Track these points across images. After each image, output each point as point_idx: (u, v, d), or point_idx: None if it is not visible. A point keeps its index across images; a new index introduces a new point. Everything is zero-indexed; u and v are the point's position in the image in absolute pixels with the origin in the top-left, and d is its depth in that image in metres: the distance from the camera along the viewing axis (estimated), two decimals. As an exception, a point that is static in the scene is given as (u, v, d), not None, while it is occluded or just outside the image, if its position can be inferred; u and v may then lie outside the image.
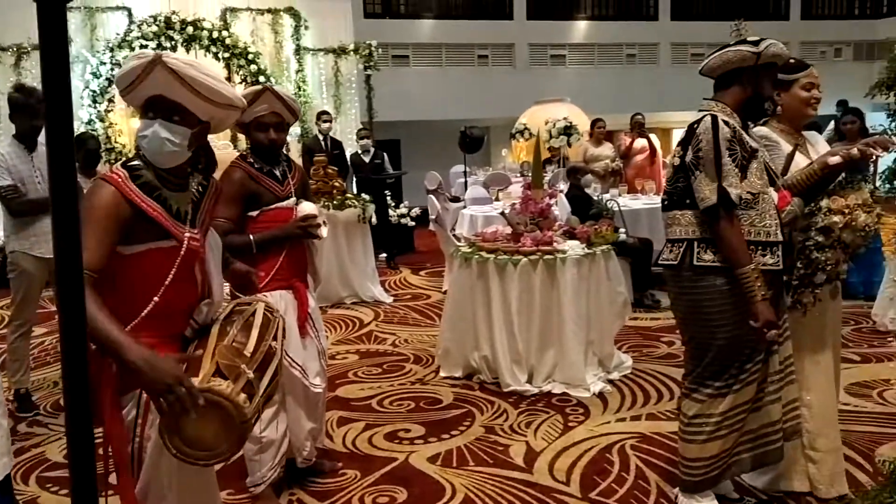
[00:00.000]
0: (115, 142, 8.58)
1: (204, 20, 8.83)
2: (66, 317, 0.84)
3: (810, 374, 2.88)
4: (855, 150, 2.61)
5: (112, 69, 8.40)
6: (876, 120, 5.24)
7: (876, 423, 3.79)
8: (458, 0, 15.61)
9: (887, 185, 2.79)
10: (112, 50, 8.49)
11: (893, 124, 2.58)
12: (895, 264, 5.32)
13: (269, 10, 9.64)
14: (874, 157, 2.62)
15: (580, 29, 15.88)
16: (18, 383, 4.35)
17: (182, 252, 2.00)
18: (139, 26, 8.61)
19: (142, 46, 8.49)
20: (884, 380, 4.39)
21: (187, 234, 2.02)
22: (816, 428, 2.89)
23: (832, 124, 9.37)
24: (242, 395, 1.81)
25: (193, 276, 2.04)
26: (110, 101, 8.47)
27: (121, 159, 7.80)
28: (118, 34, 8.66)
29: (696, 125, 2.64)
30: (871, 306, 5.67)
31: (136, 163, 1.98)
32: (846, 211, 2.62)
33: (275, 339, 2.06)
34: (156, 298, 1.95)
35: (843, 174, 2.74)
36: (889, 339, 5.21)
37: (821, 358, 2.89)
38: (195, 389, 1.75)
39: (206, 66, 2.04)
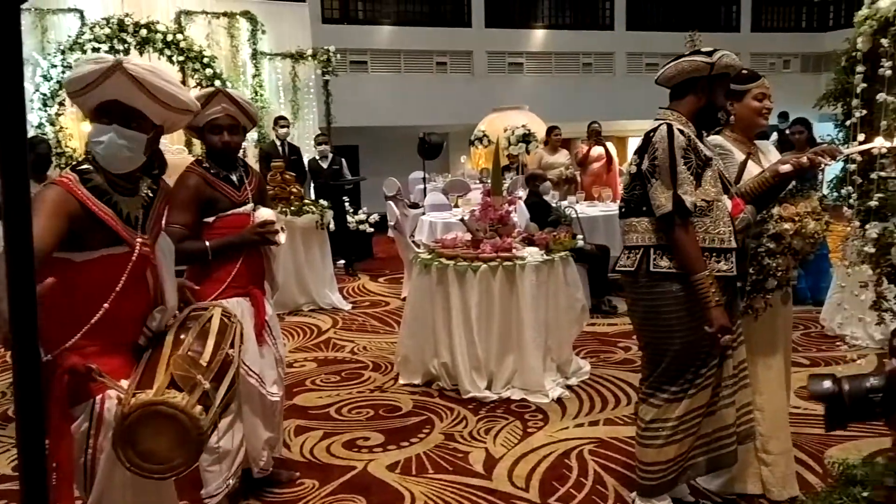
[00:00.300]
0: (66, 146, 8.37)
1: (158, 23, 8.67)
2: (17, 327, 0.82)
3: (763, 378, 2.95)
4: (805, 159, 2.68)
5: (63, 72, 8.19)
6: (823, 130, 5.40)
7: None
8: (417, 7, 15.64)
9: (835, 194, 2.89)
10: (63, 52, 8.28)
11: (841, 134, 2.67)
12: (842, 270, 5.47)
13: (224, 14, 9.52)
14: (822, 166, 2.70)
15: (537, 37, 16.05)
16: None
17: (133, 258, 1.95)
18: (91, 28, 8.42)
19: (94, 49, 8.30)
20: (832, 383, 4.50)
21: (139, 240, 1.98)
22: (769, 431, 2.96)
23: (775, 135, 9.62)
24: (198, 407, 1.78)
25: (145, 283, 2.00)
26: (61, 104, 8.25)
27: (71, 164, 7.58)
28: (70, 36, 8.45)
29: (651, 134, 2.68)
30: (820, 311, 5.83)
31: (85, 167, 1.94)
32: (796, 218, 2.69)
33: (232, 346, 2.03)
34: (105, 305, 1.90)
35: (794, 182, 2.82)
36: (837, 342, 5.35)
37: (773, 362, 2.96)
38: (148, 403, 1.72)
39: (165, 72, 2.00)
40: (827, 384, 1.01)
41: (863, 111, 2.73)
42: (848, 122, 2.75)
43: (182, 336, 1.96)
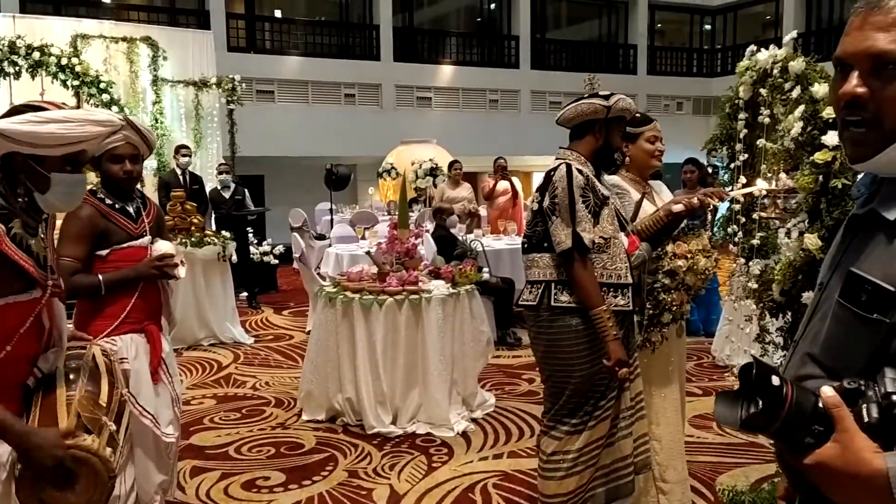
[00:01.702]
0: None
1: (52, 46, 8.32)
2: None
3: (659, 408, 3.05)
4: (695, 200, 2.83)
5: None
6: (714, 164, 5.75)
7: (716, 454, 4.05)
8: (326, 39, 15.66)
9: (722, 232, 3.06)
10: (-54, 73, 7.83)
11: (726, 176, 2.83)
12: (729, 304, 5.76)
13: (123, 39, 9.23)
14: (711, 206, 2.86)
15: (446, 73, 16.34)
16: None
17: (43, 301, 1.86)
18: (-21, 49, 8.00)
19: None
20: (723, 411, 4.70)
21: (50, 282, 1.89)
22: (666, 460, 3.06)
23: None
24: (108, 449, 1.73)
25: (42, 323, 1.90)
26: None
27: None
28: (-47, 56, 8.00)
29: (552, 172, 2.76)
30: (711, 342, 6.10)
31: (4, 212, 1.82)
32: (689, 255, 2.83)
33: (120, 385, 1.96)
34: (8, 348, 1.79)
35: (686, 221, 2.96)
36: (726, 373, 5.61)
37: (668, 392, 3.07)
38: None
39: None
40: (776, 379, 0.98)
41: (745, 155, 2.90)
42: (732, 165, 2.92)
43: (72, 376, 1.87)
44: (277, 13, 16.01)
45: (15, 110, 1.85)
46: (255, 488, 3.68)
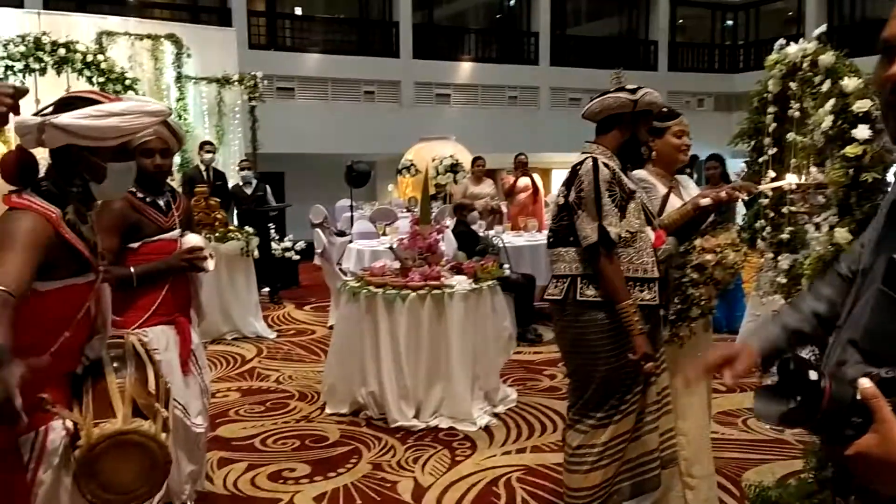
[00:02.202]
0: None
1: (77, 42, 8.42)
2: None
3: (686, 403, 3.04)
4: (723, 193, 2.82)
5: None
6: (737, 166, 5.71)
7: (742, 450, 4.04)
8: (345, 36, 15.72)
9: (748, 227, 3.05)
10: (-26, 69, 7.94)
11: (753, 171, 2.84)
12: (756, 300, 5.72)
13: (148, 36, 9.31)
14: (739, 200, 2.85)
15: (464, 70, 16.32)
16: None
17: (96, 285, 1.92)
18: (5, 46, 8.10)
19: (7, 67, 7.98)
20: (748, 408, 4.68)
21: (101, 267, 1.95)
22: (692, 455, 3.05)
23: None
24: (163, 434, 1.78)
25: (91, 310, 1.95)
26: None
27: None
28: (-21, 52, 8.11)
29: (578, 167, 2.77)
30: (734, 339, 6.06)
31: (56, 197, 1.87)
32: (717, 250, 2.82)
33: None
34: (67, 333, 1.84)
35: (714, 215, 2.96)
36: (752, 369, 5.57)
37: (695, 388, 3.06)
38: (118, 433, 1.73)
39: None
40: (814, 373, 0.98)
41: (774, 149, 2.89)
42: (760, 160, 2.90)
43: (116, 364, 1.91)
44: (298, 10, 16.08)
45: (65, 102, 1.89)
46: (281, 479, 3.72)
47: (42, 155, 1.91)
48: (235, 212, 8.71)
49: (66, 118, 1.82)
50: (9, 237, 1.73)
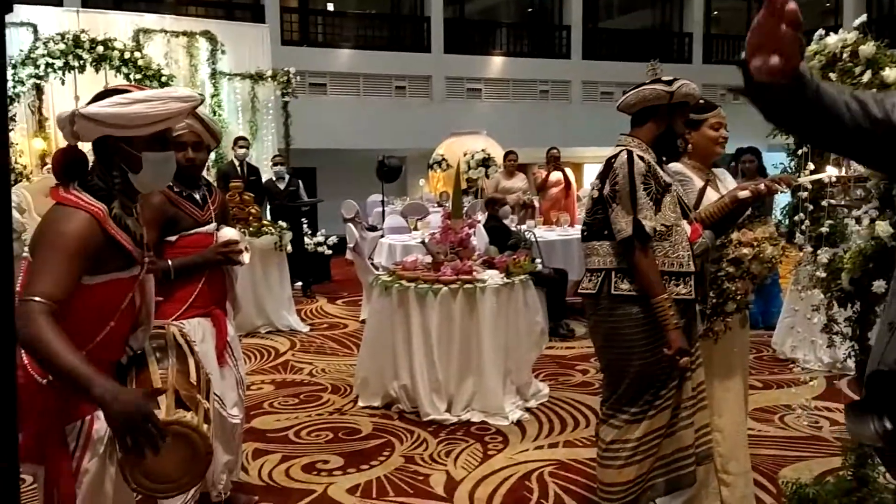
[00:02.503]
0: (16, 162, 8.17)
1: (115, 40, 8.57)
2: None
3: (722, 399, 3.01)
4: (762, 186, 2.77)
5: (15, 86, 8.03)
6: (773, 159, 5.62)
7: (778, 447, 3.98)
8: (377, 31, 15.77)
9: (787, 220, 2.99)
10: (15, 67, 8.11)
11: (792, 163, 2.76)
12: (794, 295, 5.63)
13: (184, 33, 9.45)
14: (778, 192, 2.80)
15: (496, 64, 16.28)
16: None
17: (140, 277, 1.95)
18: (45, 44, 8.27)
19: (48, 65, 8.15)
20: (784, 405, 4.62)
21: (146, 259, 1.99)
22: (728, 452, 3.01)
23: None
24: (205, 426, 1.80)
25: (135, 302, 1.99)
26: (11, 119, 8.06)
27: (19, 180, 7.26)
28: (22, 51, 8.28)
29: (613, 160, 2.74)
30: (771, 335, 5.98)
31: (104, 193, 1.91)
32: (755, 244, 2.78)
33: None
34: (112, 324, 1.89)
35: (751, 209, 2.91)
36: (789, 365, 5.49)
37: (731, 384, 3.02)
38: (161, 425, 1.69)
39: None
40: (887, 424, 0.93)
41: (813, 141, 2.83)
42: (799, 152, 2.85)
43: (158, 355, 1.95)
44: (330, 6, 16.18)
45: (99, 96, 1.93)
46: (314, 471, 3.75)
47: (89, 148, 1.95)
48: (268, 206, 8.80)
49: (93, 107, 1.86)
50: (60, 239, 1.77)
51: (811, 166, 2.77)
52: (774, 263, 2.81)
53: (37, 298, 1.69)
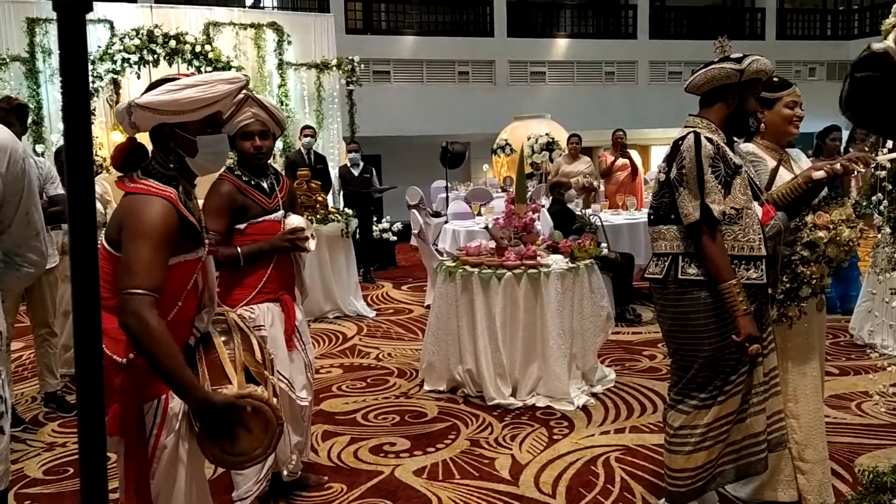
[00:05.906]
0: (96, 155, 8.51)
1: (186, 34, 8.82)
2: (80, 331, 0.84)
3: (797, 385, 2.92)
4: (838, 166, 2.67)
5: (94, 81, 8.35)
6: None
7: (855, 434, 3.85)
8: (440, 17, 15.76)
9: (865, 202, 2.86)
10: (93, 63, 8.44)
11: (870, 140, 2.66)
12: (872, 278, 5.41)
13: (252, 25, 9.66)
14: (855, 173, 2.69)
15: (560, 46, 16.08)
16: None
17: (203, 259, 2.03)
18: (121, 39, 8.58)
19: (124, 60, 8.45)
20: (862, 392, 4.46)
21: (207, 241, 2.08)
22: (805, 439, 2.93)
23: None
24: (275, 399, 1.88)
25: (199, 283, 2.06)
26: (91, 113, 8.39)
27: (100, 172, 7.55)
28: (99, 46, 8.61)
29: (680, 142, 2.67)
30: (848, 320, 5.77)
31: (170, 175, 1.99)
32: (831, 226, 2.67)
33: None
34: (179, 303, 1.97)
35: (826, 190, 2.81)
36: (867, 351, 5.29)
37: (807, 370, 2.93)
38: (234, 397, 1.84)
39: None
40: None
41: (894, 118, 2.70)
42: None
43: (224, 337, 2.03)
44: (393, -6, 16.25)
45: (152, 86, 2.00)
46: (382, 453, 3.82)
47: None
48: (341, 193, 8.94)
49: (147, 96, 1.93)
50: (147, 226, 1.86)
51: (889, 144, 2.66)
52: (852, 247, 2.70)
53: (141, 291, 1.79)
